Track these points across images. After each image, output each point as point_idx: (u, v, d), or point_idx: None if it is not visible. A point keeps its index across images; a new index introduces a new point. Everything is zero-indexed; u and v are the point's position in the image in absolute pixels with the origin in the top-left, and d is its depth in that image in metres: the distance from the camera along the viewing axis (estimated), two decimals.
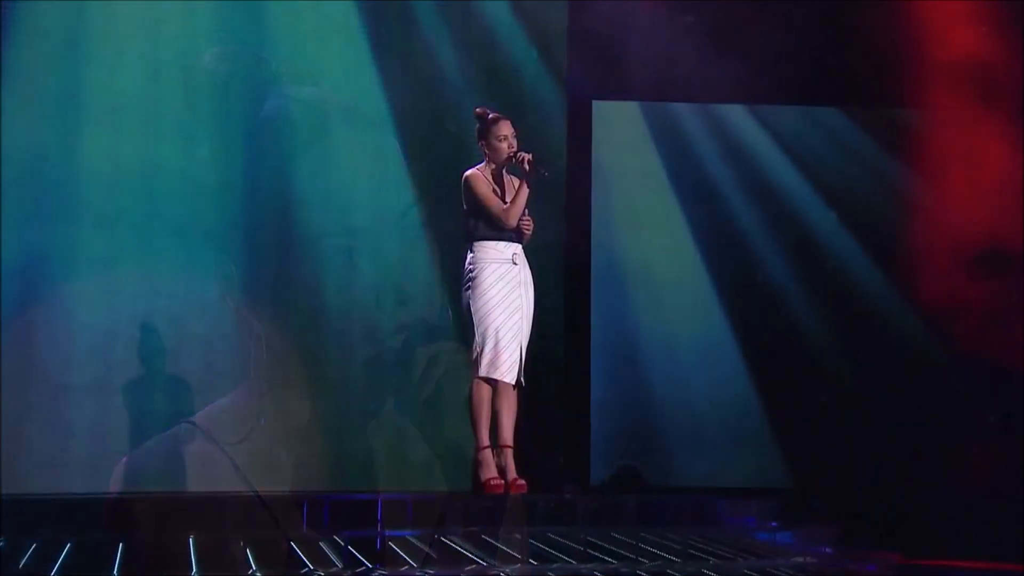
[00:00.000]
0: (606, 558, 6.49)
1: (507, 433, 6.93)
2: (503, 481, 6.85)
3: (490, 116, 7.08)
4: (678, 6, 10.59)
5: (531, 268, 9.67)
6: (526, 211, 7.01)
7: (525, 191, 6.95)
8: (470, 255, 6.99)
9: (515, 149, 6.99)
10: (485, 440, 6.92)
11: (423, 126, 9.53)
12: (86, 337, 8.38)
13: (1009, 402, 9.85)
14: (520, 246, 7.04)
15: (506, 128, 7.02)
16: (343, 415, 9.23)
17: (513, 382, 6.91)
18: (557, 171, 10.45)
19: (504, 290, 6.91)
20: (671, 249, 11.08)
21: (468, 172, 7.05)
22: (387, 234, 9.51)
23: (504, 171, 7.09)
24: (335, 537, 6.10)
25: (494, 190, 7.02)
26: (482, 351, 6.87)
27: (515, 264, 6.98)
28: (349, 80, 9.53)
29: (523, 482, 6.88)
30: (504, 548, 6.31)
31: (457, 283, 7.25)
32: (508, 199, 6.98)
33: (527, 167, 6.92)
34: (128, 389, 8.45)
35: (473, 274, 6.94)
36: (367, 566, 5.97)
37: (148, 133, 8.67)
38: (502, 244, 6.96)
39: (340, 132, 9.42)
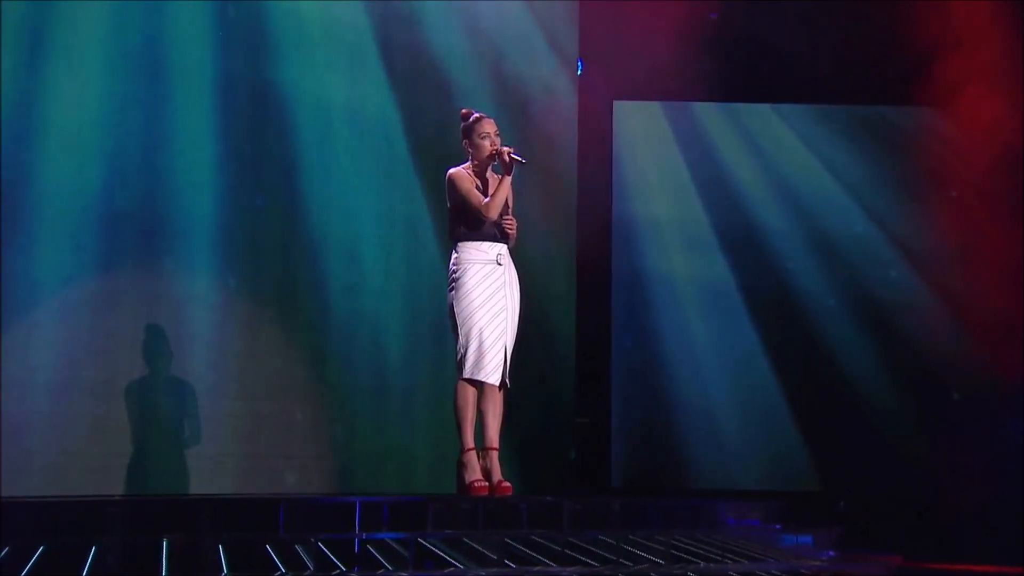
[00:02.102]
0: (589, 561, 6.41)
1: (493, 435, 6.88)
2: (487, 483, 6.81)
3: (473, 115, 7.03)
4: (692, 4, 10.53)
5: (542, 270, 9.69)
6: (509, 210, 6.94)
7: (507, 183, 6.88)
8: (454, 255, 6.93)
9: (497, 147, 6.92)
10: (470, 442, 6.87)
11: (430, 125, 9.49)
12: (88, 339, 8.36)
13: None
14: (505, 247, 6.95)
15: (488, 126, 6.95)
16: (345, 416, 9.22)
17: (498, 383, 6.83)
18: (569, 172, 10.43)
19: (488, 291, 6.83)
20: (693, 249, 11.02)
21: (451, 170, 7.01)
22: (393, 235, 9.50)
23: (489, 170, 7.02)
24: (315, 540, 6.04)
25: (477, 186, 6.95)
26: (466, 352, 6.81)
27: (499, 264, 6.89)
28: (356, 81, 9.51)
29: (508, 484, 6.84)
30: (484, 551, 6.24)
31: None
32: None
33: (507, 159, 6.85)
34: (130, 391, 8.45)
35: (457, 275, 6.87)
36: (341, 569, 5.92)
37: (151, 133, 8.65)
38: (486, 244, 6.88)
39: (346, 133, 9.41)
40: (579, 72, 10.85)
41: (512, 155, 6.83)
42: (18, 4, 8.15)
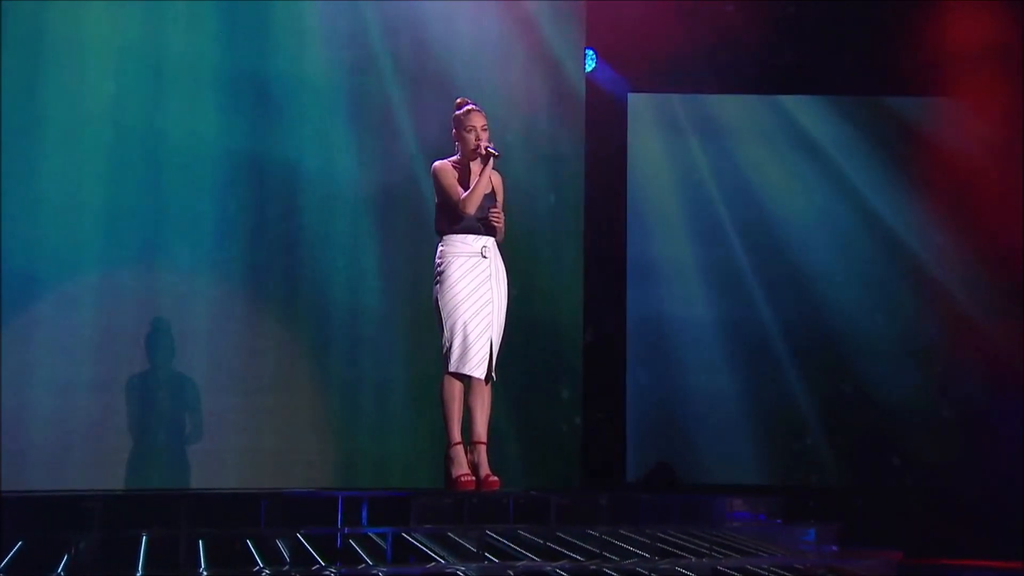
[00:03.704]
0: (575, 555, 6.34)
1: (480, 429, 6.83)
2: (474, 477, 6.76)
3: (464, 107, 6.96)
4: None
5: (550, 262, 9.62)
6: (497, 203, 6.88)
7: (485, 177, 6.80)
8: (439, 248, 6.87)
9: (479, 141, 6.85)
10: (456, 436, 6.82)
11: (430, 112, 9.43)
12: (88, 334, 8.36)
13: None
14: (492, 239, 6.88)
15: (476, 119, 6.87)
16: (347, 411, 9.20)
17: (483, 377, 6.77)
18: (575, 167, 10.36)
19: (473, 284, 6.76)
20: (707, 244, 10.96)
21: (436, 163, 6.95)
22: (395, 230, 9.46)
23: (477, 162, 6.94)
24: (298, 535, 6.01)
25: (460, 180, 6.88)
26: (451, 346, 6.75)
27: (485, 257, 6.82)
28: (358, 72, 9.48)
29: (496, 479, 6.79)
30: (467, 545, 6.19)
31: None
32: None
33: (483, 152, 6.79)
34: (131, 387, 8.44)
35: (441, 268, 6.81)
36: (320, 564, 5.88)
37: (151, 128, 8.64)
38: (471, 237, 6.82)
39: (347, 127, 9.38)
40: (591, 66, 10.77)
41: (488, 148, 6.77)
42: (18, 4, 8.16)
